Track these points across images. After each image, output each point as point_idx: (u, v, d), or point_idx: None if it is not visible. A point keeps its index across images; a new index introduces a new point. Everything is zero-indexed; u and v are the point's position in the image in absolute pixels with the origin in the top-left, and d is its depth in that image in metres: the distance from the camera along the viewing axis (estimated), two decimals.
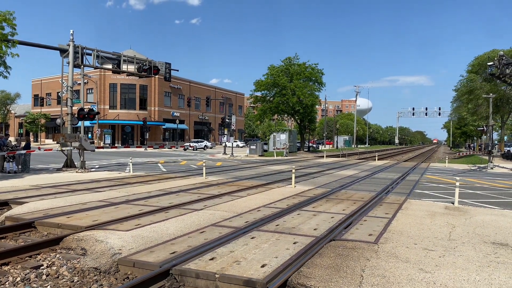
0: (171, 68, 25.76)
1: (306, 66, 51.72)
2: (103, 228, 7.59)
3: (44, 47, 21.31)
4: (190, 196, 11.93)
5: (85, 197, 11.38)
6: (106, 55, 22.64)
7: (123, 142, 65.56)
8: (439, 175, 22.97)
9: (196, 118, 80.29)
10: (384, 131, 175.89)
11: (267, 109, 52.41)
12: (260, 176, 19.28)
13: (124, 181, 15.65)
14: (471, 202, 12.40)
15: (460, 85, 52.67)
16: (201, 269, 5.35)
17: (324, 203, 11.19)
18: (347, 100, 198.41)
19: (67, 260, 6.25)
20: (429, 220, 9.06)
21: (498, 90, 44.27)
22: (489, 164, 29.88)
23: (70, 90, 20.96)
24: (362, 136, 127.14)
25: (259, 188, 14.38)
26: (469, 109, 51.71)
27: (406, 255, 6.23)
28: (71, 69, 20.84)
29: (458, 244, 7.00)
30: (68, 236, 7.07)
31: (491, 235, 7.74)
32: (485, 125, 35.74)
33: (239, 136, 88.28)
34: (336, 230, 7.90)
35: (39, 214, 8.76)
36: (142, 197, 11.52)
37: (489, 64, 26.68)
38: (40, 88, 77.14)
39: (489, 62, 27.35)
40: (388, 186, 16.38)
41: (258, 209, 10.05)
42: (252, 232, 7.53)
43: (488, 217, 9.68)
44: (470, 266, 5.77)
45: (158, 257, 5.89)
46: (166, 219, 8.53)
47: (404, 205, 11.12)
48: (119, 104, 66.44)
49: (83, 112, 21.21)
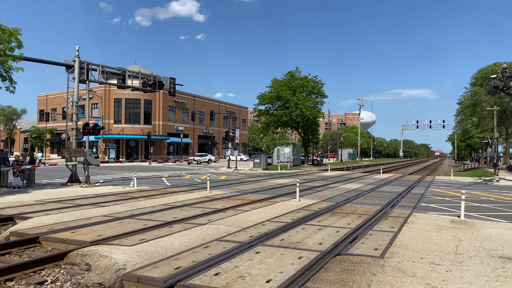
0: (175, 83, 25.96)
1: (308, 80, 52.05)
2: (108, 243, 7.57)
3: (50, 63, 21.59)
4: (194, 211, 11.91)
5: (90, 212, 11.38)
6: (111, 70, 22.88)
7: (128, 157, 65.71)
8: (445, 188, 22.81)
9: (200, 132, 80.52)
10: (389, 144, 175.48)
11: (271, 122, 52.56)
12: (264, 190, 19.23)
13: (128, 196, 15.66)
14: (478, 216, 12.29)
15: (464, 98, 52.63)
16: (205, 284, 5.31)
17: (329, 217, 11.12)
18: (351, 113, 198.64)
19: (72, 276, 6.23)
20: (435, 234, 8.98)
21: (502, 102, 44.18)
22: (495, 177, 29.66)
23: (76, 105, 21.14)
24: (366, 149, 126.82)
25: (264, 202, 14.33)
26: (474, 121, 51.57)
27: (413, 270, 6.16)
28: (76, 84, 21.05)
29: (465, 258, 6.92)
30: (73, 251, 7.06)
31: (499, 249, 7.65)
32: (490, 138, 35.60)
33: (243, 149, 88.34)
34: (341, 244, 7.84)
35: (44, 229, 8.77)
36: (147, 212, 11.51)
37: (493, 76, 26.68)
38: (45, 103, 77.80)
39: (492, 75, 27.37)
40: (393, 199, 16.28)
41: (262, 223, 10.01)
42: (256, 246, 7.48)
43: (495, 230, 9.58)
44: (477, 281, 5.69)
45: (163, 272, 5.87)
46: (171, 234, 8.51)
47: (409, 219, 11.03)
48: (124, 118, 66.80)
49: (88, 127, 21.34)
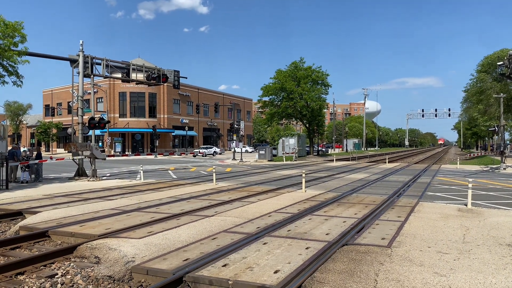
0: (179, 76, 25.94)
1: (312, 70, 51.79)
2: (116, 236, 7.64)
3: (55, 58, 21.64)
4: (201, 203, 11.96)
5: (97, 206, 11.47)
6: (115, 64, 22.89)
7: (133, 150, 65.96)
8: (451, 176, 22.73)
9: (205, 124, 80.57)
10: (394, 133, 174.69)
11: (275, 113, 52.45)
12: (270, 181, 19.26)
13: (135, 189, 15.75)
14: (485, 204, 12.25)
15: (470, 86, 52.17)
16: (214, 275, 5.35)
17: (336, 208, 11.14)
18: (356, 103, 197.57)
19: (81, 269, 6.30)
20: (442, 223, 8.97)
21: (508, 89, 43.76)
22: (502, 165, 29.50)
23: (81, 100, 21.20)
24: (371, 138, 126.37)
25: (270, 194, 14.37)
26: (480, 109, 51.16)
27: (420, 259, 6.17)
28: (81, 79, 21.09)
29: (473, 247, 6.91)
30: (82, 244, 7.13)
31: (506, 237, 7.63)
32: (496, 125, 35.32)
33: (248, 141, 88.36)
34: (348, 234, 7.86)
35: (53, 223, 8.85)
36: (154, 205, 11.58)
37: (499, 63, 26.42)
38: (51, 98, 78.11)
39: (499, 61, 27.10)
40: (400, 189, 16.25)
41: (269, 214, 10.04)
42: (264, 238, 7.52)
43: (503, 218, 9.56)
44: (486, 269, 5.69)
45: (171, 264, 5.92)
46: (178, 226, 8.56)
47: (416, 208, 11.02)
48: (129, 112, 66.95)
49: (94, 121, 21.42)
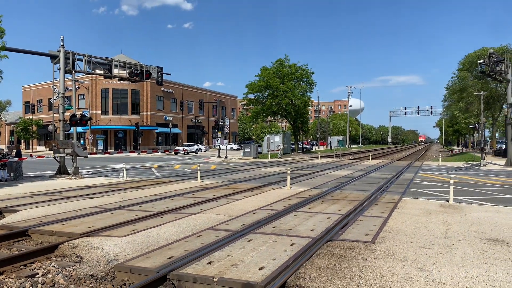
0: (163, 72, 25.68)
1: (297, 67, 51.96)
2: (99, 234, 7.52)
3: (35, 53, 21.16)
4: (185, 200, 11.88)
5: (79, 204, 11.28)
6: (97, 60, 22.52)
7: (116, 148, 65.23)
8: (433, 173, 23.09)
9: (189, 121, 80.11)
10: (377, 130, 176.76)
11: (260, 111, 52.49)
12: (255, 179, 19.25)
13: (118, 187, 15.55)
14: (466, 200, 12.47)
15: (452, 83, 53.11)
16: (198, 273, 5.31)
17: (320, 204, 11.18)
18: (340, 101, 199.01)
19: (63, 268, 6.18)
20: (424, 219, 9.09)
21: (489, 87, 44.68)
22: (482, 161, 30.11)
23: (62, 96, 20.82)
24: (355, 136, 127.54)
25: (255, 191, 14.35)
26: (461, 107, 52.12)
27: (404, 254, 6.23)
28: (62, 75, 20.70)
29: (455, 242, 7.02)
30: (63, 243, 7.00)
31: (487, 232, 7.77)
32: (477, 123, 36.03)
33: (233, 138, 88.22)
34: (332, 230, 7.90)
35: (33, 222, 8.67)
36: (137, 203, 11.44)
37: (480, 62, 26.95)
38: (31, 95, 76.56)
39: (479, 60, 27.61)
40: (383, 185, 16.42)
41: (254, 211, 10.03)
42: (249, 234, 7.50)
43: (483, 214, 9.73)
44: (467, 263, 5.78)
45: (155, 262, 5.85)
46: (162, 224, 8.47)
47: (399, 204, 11.15)
48: (111, 109, 66.11)
49: (75, 118, 21.08)
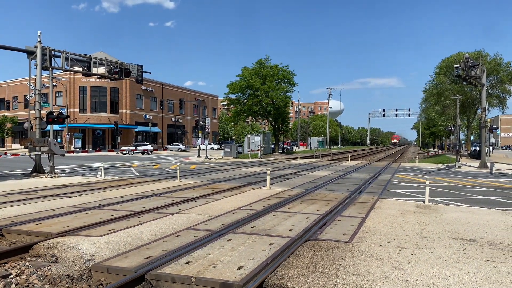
0: (143, 71, 25.44)
1: (279, 68, 52.21)
2: (75, 234, 7.40)
3: (11, 49, 20.60)
4: (164, 200, 11.79)
5: (55, 203, 11.07)
6: (76, 57, 22.14)
7: (94, 146, 64.16)
8: (410, 174, 23.53)
9: (169, 121, 79.49)
10: (356, 132, 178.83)
11: (241, 111, 52.49)
12: (235, 178, 19.25)
13: (96, 186, 15.32)
14: (441, 200, 12.76)
15: (429, 87, 54.19)
16: (176, 273, 5.29)
17: (299, 204, 11.27)
18: (320, 102, 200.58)
19: (37, 268, 6.06)
20: (401, 219, 9.27)
21: (464, 91, 45.80)
22: (457, 163, 30.87)
23: (38, 93, 20.37)
24: (335, 137, 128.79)
25: (235, 191, 14.36)
26: (438, 110, 53.28)
27: (380, 253, 6.35)
28: (39, 71, 20.26)
29: (429, 241, 7.18)
30: (38, 243, 6.86)
31: (460, 232, 7.99)
32: (452, 125, 36.92)
33: (213, 138, 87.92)
34: (311, 230, 7.97)
35: (7, 222, 8.46)
36: (115, 202, 11.30)
37: (456, 66, 27.59)
38: (6, 91, 74.63)
39: (455, 64, 28.28)
40: (361, 186, 16.66)
41: (233, 211, 10.04)
42: (228, 234, 7.50)
43: (457, 214, 9.99)
44: (440, 262, 5.93)
45: (133, 262, 5.79)
46: (140, 224, 8.40)
47: (376, 205, 11.33)
48: (90, 107, 65.00)
49: (52, 115, 20.65)
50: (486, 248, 6.76)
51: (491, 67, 43.28)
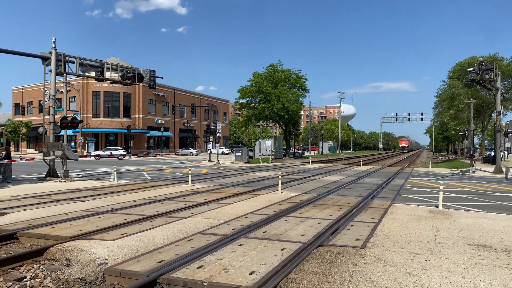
0: (155, 76, 25.62)
1: (291, 73, 52.13)
2: (88, 238, 7.46)
3: (26, 55, 20.99)
4: (176, 204, 11.83)
5: (69, 207, 11.19)
6: (89, 62, 22.43)
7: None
8: (423, 179, 23.27)
9: (181, 125, 79.90)
10: (368, 136, 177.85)
11: (252, 115, 52.53)
12: (246, 183, 19.25)
13: (108, 190, 15.45)
14: (455, 206, 12.59)
15: (442, 91, 53.66)
16: (188, 277, 5.29)
17: (311, 209, 11.21)
18: (331, 106, 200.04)
19: (51, 272, 6.12)
20: (414, 224, 9.16)
21: (478, 95, 45.24)
22: (471, 168, 30.43)
23: (53, 99, 20.67)
24: (346, 141, 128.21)
25: (246, 195, 14.35)
26: (451, 114, 52.66)
27: (393, 259, 6.27)
28: (53, 77, 20.56)
29: (444, 247, 7.08)
30: (52, 247, 6.93)
31: (475, 238, 7.86)
32: (466, 130, 36.45)
33: (224, 143, 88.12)
34: (323, 235, 7.92)
35: (22, 225, 8.58)
36: (127, 206, 11.38)
37: (469, 69, 27.26)
38: (21, 96, 75.84)
39: (469, 68, 27.94)
40: (374, 191, 16.51)
41: (245, 216, 10.02)
42: (239, 239, 7.49)
43: (472, 220, 9.83)
44: (455, 269, 5.84)
45: (145, 266, 5.82)
46: (152, 228, 8.44)
47: (389, 210, 11.22)
48: (103, 112, 65.71)
49: (66, 120, 20.91)
50: (502, 255, 6.64)
51: (506, 70, 42.69)
